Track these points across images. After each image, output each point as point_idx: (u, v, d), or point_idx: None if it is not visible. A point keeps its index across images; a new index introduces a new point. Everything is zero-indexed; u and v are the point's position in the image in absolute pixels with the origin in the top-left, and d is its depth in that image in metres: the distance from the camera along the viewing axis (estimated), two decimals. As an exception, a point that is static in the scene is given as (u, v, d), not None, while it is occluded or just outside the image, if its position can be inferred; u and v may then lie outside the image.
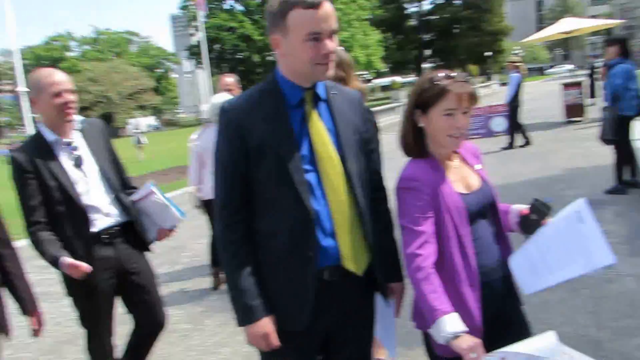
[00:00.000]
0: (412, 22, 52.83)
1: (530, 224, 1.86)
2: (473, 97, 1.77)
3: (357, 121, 1.87)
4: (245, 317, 1.74)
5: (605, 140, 6.60)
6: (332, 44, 1.65)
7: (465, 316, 1.68)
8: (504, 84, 33.77)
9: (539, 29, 58.26)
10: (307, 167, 1.73)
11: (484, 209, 1.87)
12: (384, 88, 63.79)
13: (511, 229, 1.95)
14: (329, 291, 1.77)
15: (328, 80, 1.81)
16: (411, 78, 58.53)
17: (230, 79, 4.98)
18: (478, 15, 48.80)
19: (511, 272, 1.87)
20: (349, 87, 2.55)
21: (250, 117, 1.72)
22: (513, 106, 11.51)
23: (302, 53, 1.65)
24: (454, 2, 51.48)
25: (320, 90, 1.80)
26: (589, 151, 9.37)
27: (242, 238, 1.75)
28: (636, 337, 3.26)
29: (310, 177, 1.73)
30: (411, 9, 52.99)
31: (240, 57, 35.72)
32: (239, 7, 35.34)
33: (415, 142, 1.85)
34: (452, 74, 1.78)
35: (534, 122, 14.57)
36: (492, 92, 34.91)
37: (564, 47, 78.39)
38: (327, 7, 1.63)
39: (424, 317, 1.73)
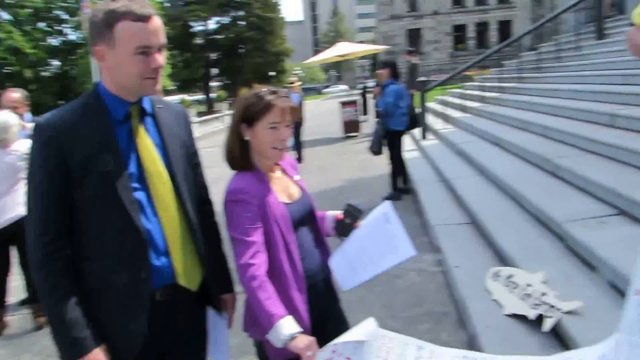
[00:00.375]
0: (199, 41, 52.73)
1: (345, 227, 2.06)
2: (294, 111, 1.91)
3: (183, 135, 1.86)
4: (73, 351, 1.58)
5: (373, 151, 7.45)
6: (161, 58, 1.62)
7: (296, 318, 1.77)
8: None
9: (316, 51, 62.55)
10: (136, 185, 1.65)
11: (305, 217, 2.02)
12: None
13: (328, 234, 2.13)
14: (162, 311, 1.72)
15: (155, 94, 1.75)
16: (199, 96, 58.30)
17: (16, 95, 4.47)
18: (261, 36, 50.68)
19: (331, 273, 2.05)
20: None
21: (72, 134, 1.58)
22: (296, 124, 12.19)
23: (130, 66, 1.58)
24: (238, 23, 52.65)
25: (146, 104, 1.75)
26: (365, 163, 10.39)
27: (65, 267, 1.60)
28: (424, 323, 3.74)
29: (140, 195, 1.66)
30: (197, 27, 52.88)
31: (9, 71, 31.93)
32: (6, 15, 31.52)
33: (241, 155, 1.90)
34: (276, 90, 1.89)
35: (317, 138, 15.67)
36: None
37: (337, 69, 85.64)
38: (156, 21, 1.59)
39: (258, 325, 1.79)
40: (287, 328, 1.68)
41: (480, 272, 3.91)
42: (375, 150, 7.32)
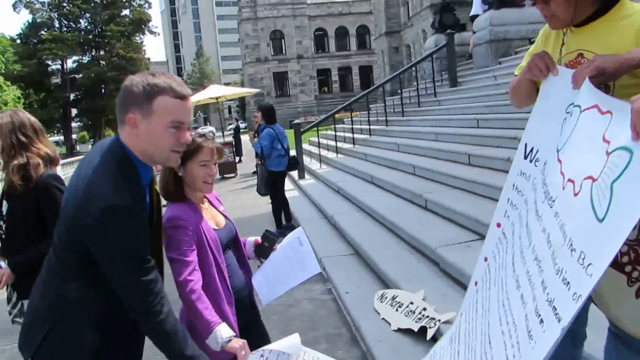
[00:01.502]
0: (56, 80, 50.11)
1: (264, 250, 2.47)
2: (220, 151, 2.27)
3: None
4: None
5: (261, 193, 7.83)
6: (189, 136, 1.77)
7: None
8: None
9: (184, 92, 61.46)
10: None
11: (230, 241, 2.38)
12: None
13: (249, 257, 2.50)
14: None
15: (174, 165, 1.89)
16: (57, 137, 54.98)
17: None
18: (125, 76, 49.14)
19: (253, 290, 2.42)
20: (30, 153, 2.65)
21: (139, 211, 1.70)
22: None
23: (162, 138, 1.69)
24: (100, 62, 50.87)
25: None
26: (246, 202, 10.67)
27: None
28: (321, 344, 4.09)
29: None
30: (54, 66, 50.22)
31: None
32: None
33: (175, 189, 2.20)
34: (204, 134, 2.24)
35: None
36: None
37: (204, 110, 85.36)
38: (190, 102, 1.76)
39: (197, 335, 2.01)
40: (224, 332, 1.98)
41: (367, 296, 4.38)
42: (262, 192, 7.69)
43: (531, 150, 1.85)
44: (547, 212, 1.46)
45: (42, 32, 48.15)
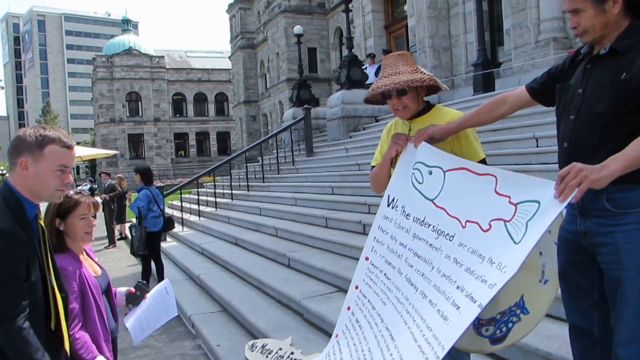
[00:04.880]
0: None
1: (136, 298, 2.90)
2: (96, 205, 2.65)
3: None
4: None
5: (139, 254, 7.74)
6: (71, 177, 2.09)
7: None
8: None
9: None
10: None
11: (105, 288, 2.72)
12: None
13: (119, 304, 2.88)
14: None
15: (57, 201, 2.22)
16: None
17: None
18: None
19: (125, 329, 2.82)
20: None
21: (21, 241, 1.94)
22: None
23: (49, 179, 1.99)
24: None
25: None
26: (107, 264, 10.42)
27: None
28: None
29: None
30: None
31: None
32: None
33: (57, 241, 2.49)
34: (80, 191, 2.62)
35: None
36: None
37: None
38: (74, 150, 2.09)
39: None
40: None
41: (238, 347, 4.75)
42: (142, 252, 7.54)
43: (393, 199, 2.55)
44: (446, 244, 2.07)
45: None
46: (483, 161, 2.52)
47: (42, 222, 2.12)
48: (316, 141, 13.75)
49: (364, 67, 14.47)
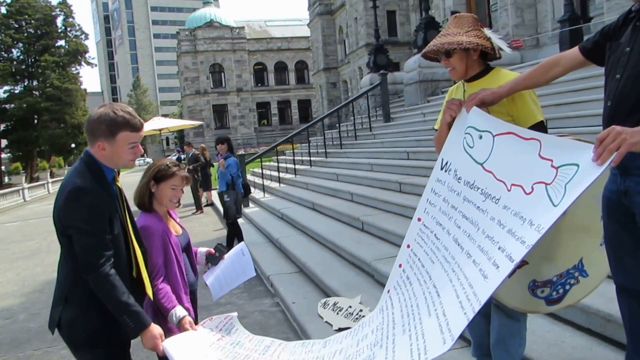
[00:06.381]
0: (-15, 110, 48.41)
1: (215, 258, 3.17)
2: (188, 180, 2.89)
3: None
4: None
5: (237, 217, 8.05)
6: (140, 149, 2.37)
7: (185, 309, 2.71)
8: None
9: (121, 124, 60.73)
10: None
11: (186, 246, 2.98)
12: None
13: (199, 263, 3.15)
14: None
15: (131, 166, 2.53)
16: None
17: None
18: (60, 107, 48.00)
19: (204, 285, 3.11)
20: None
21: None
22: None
23: (123, 154, 2.27)
24: (33, 92, 49.49)
25: None
26: (193, 230, 11.11)
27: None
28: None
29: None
30: (-16, 96, 48.47)
31: None
32: None
33: (148, 201, 2.79)
34: (178, 164, 2.86)
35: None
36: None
37: (142, 142, 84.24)
38: (143, 129, 2.34)
39: (161, 316, 2.62)
40: (179, 312, 2.60)
41: (312, 305, 5.01)
42: (239, 215, 8.03)
43: (446, 163, 2.64)
44: (492, 207, 2.14)
45: (-29, 62, 46.67)
46: (540, 124, 2.53)
47: (119, 184, 2.40)
48: (394, 106, 13.67)
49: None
